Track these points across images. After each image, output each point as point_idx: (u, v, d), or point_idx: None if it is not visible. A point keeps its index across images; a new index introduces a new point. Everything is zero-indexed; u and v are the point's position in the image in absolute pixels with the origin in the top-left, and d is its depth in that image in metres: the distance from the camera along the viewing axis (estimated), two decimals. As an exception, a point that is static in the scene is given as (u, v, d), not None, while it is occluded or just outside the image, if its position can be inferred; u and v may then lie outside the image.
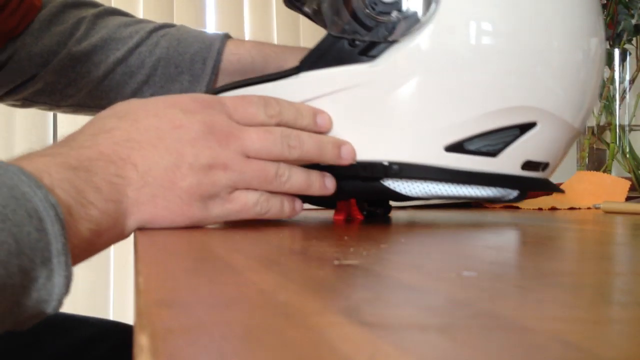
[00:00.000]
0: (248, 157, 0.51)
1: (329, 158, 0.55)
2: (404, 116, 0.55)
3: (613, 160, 1.18)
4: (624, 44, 1.18)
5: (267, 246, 0.43)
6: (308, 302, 0.24)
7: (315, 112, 0.55)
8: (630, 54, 1.22)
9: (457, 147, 0.56)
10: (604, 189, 0.98)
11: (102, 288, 2.02)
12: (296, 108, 0.55)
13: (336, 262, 0.33)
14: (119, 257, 2.02)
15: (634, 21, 1.15)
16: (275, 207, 0.53)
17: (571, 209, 0.90)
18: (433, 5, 0.54)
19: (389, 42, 0.55)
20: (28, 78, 0.81)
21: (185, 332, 0.20)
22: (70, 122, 1.79)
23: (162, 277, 0.30)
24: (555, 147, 0.60)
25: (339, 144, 0.55)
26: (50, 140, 1.93)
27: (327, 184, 0.56)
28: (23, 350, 0.79)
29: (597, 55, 0.60)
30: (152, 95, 0.83)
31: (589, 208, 0.92)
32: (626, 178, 1.06)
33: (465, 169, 0.57)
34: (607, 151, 1.18)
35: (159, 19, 2.16)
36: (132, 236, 0.47)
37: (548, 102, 0.57)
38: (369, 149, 0.56)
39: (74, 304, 1.99)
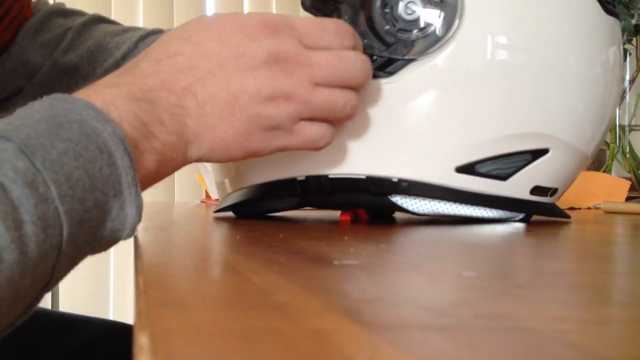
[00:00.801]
0: (316, 84, 0.49)
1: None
2: (417, 134, 0.55)
3: (613, 160, 1.18)
4: (624, 44, 1.18)
5: (267, 246, 0.43)
6: (308, 302, 0.24)
7: None
8: (630, 54, 1.22)
9: (467, 169, 0.56)
10: (604, 189, 0.98)
11: (102, 288, 2.02)
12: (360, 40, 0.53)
13: (336, 262, 0.33)
14: (119, 257, 2.02)
15: (634, 21, 1.15)
16: (330, 138, 0.51)
17: (571, 209, 0.90)
18: (454, 26, 0.54)
19: (407, 60, 0.55)
20: (14, 91, 0.79)
21: (185, 332, 0.20)
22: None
23: (162, 277, 0.30)
24: (566, 174, 0.60)
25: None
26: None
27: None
28: (29, 351, 0.79)
29: (616, 62, 0.60)
30: None
31: (589, 208, 0.92)
32: (626, 178, 1.06)
33: (474, 191, 0.57)
34: (607, 151, 1.19)
35: (159, 19, 2.16)
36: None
37: (562, 128, 0.57)
38: (380, 164, 0.56)
39: (74, 305, 1.99)
